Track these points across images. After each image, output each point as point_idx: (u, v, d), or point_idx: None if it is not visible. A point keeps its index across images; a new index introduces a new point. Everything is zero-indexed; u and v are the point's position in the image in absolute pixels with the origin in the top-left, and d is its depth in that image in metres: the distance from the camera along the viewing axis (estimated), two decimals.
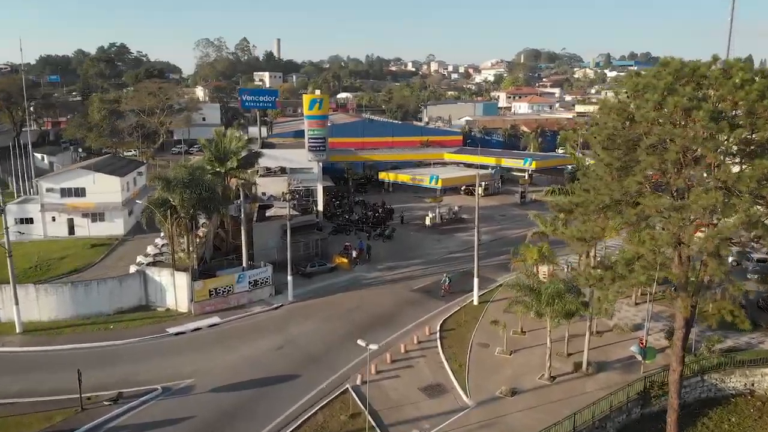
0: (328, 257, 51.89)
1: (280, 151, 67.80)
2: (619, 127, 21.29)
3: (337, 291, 45.37)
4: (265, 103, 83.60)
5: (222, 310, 41.96)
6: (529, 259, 40.19)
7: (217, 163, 51.61)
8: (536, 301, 31.25)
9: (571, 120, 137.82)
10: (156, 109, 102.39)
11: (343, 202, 71.02)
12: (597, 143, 21.85)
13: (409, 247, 56.32)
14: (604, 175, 21.41)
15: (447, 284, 43.89)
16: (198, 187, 42.86)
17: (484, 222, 64.85)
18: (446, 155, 78.78)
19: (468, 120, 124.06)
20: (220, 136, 52.54)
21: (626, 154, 21.56)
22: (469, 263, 50.91)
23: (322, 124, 61.45)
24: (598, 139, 21.76)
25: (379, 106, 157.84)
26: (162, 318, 41.01)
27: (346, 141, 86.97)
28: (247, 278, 43.22)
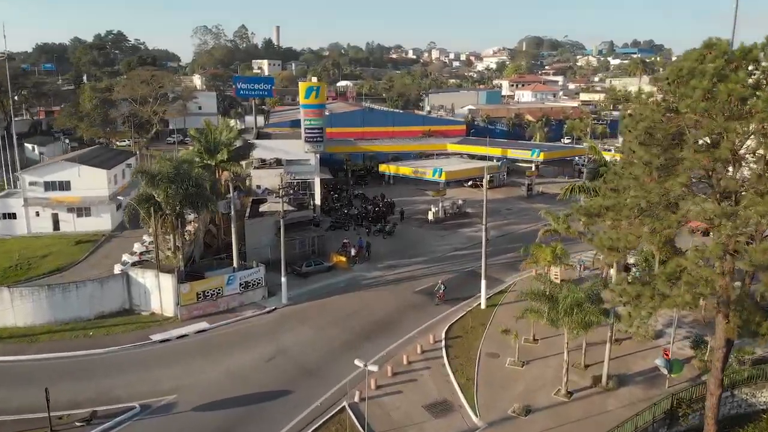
0: (326, 255, 48.96)
1: (276, 142, 64.63)
2: (658, 119, 18.19)
3: (335, 293, 42.46)
4: (261, 91, 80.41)
5: (211, 314, 39.09)
6: (542, 261, 37.19)
7: (207, 156, 48.60)
8: (553, 310, 28.30)
9: (576, 109, 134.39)
10: (149, 98, 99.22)
11: (342, 196, 67.96)
12: (633, 138, 18.74)
13: (410, 244, 53.34)
14: (641, 175, 18.36)
15: (441, 292, 40.15)
16: (185, 181, 39.91)
17: (490, 216, 61.37)
18: (449, 146, 75.55)
19: (471, 109, 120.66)
20: (210, 126, 49.40)
21: (665, 150, 18.47)
22: (475, 262, 47.97)
23: (319, 113, 58.27)
24: (634, 133, 18.66)
25: (380, 95, 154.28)
26: (146, 323, 38.14)
27: (345, 131, 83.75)
28: (238, 280, 40.29)
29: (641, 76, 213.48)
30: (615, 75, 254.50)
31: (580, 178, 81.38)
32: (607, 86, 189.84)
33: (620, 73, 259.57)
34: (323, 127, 58.78)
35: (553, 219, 41.95)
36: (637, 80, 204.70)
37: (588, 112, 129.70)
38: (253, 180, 63.55)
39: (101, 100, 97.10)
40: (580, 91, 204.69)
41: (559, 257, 37.33)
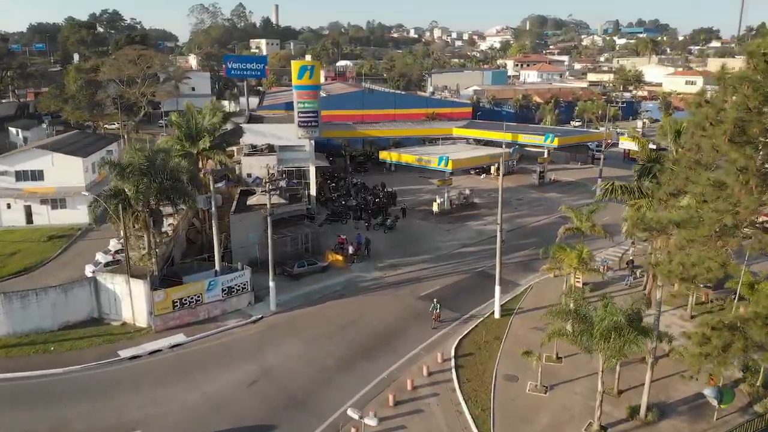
0: (321, 253, 44.39)
1: (268, 126, 59.60)
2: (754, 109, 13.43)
3: (330, 298, 37.92)
4: (253, 71, 75.25)
5: (189, 324, 34.61)
6: (566, 267, 32.51)
7: (188, 143, 43.76)
8: (586, 333, 23.72)
9: (586, 89, 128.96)
10: (137, 79, 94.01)
11: (340, 185, 63.10)
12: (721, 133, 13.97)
13: (414, 240, 48.68)
14: (733, 184, 13.67)
15: (437, 312, 33.82)
16: (159, 174, 35.20)
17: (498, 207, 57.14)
18: (455, 130, 70.47)
19: (476, 90, 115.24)
20: (191, 110, 44.46)
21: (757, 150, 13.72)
22: (485, 260, 43.56)
23: (313, 95, 53.24)
24: (724, 128, 13.88)
25: (381, 75, 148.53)
26: (116, 336, 33.68)
27: (344, 114, 78.63)
28: (220, 285, 35.74)
29: (651, 56, 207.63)
30: (622, 55, 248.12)
31: (594, 165, 76.61)
32: (616, 66, 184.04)
33: (627, 53, 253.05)
34: (318, 111, 53.78)
35: (576, 216, 37.25)
36: (647, 60, 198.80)
37: (598, 94, 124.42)
38: (243, 168, 58.75)
39: (86, 81, 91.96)
40: (587, 72, 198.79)
41: (586, 262, 32.62)
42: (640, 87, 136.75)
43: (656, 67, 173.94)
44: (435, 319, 33.56)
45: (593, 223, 36.53)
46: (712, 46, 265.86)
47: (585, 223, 36.55)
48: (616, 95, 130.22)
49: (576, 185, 67.21)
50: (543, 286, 39.29)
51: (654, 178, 31.44)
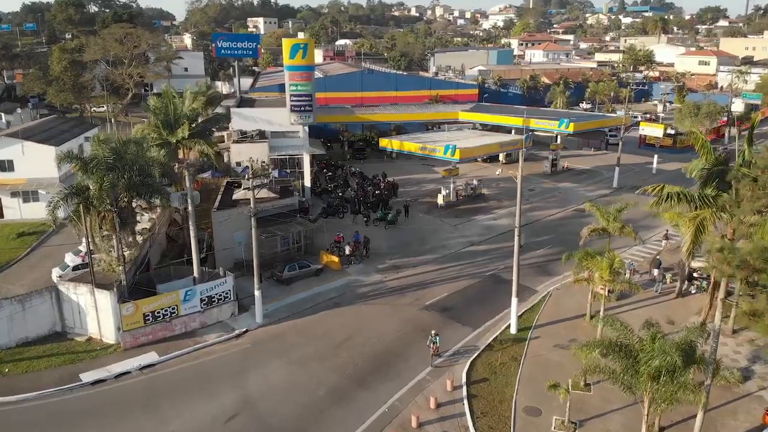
0: (315, 253, 40.14)
1: (258, 110, 54.88)
2: None
3: (323, 307, 33.70)
4: (245, 50, 70.05)
5: (163, 340, 30.52)
6: (597, 278, 28.12)
7: (166, 131, 39.27)
8: (630, 370, 19.49)
9: (596, 70, 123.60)
10: (124, 59, 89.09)
11: (337, 174, 58.52)
12: None
13: (417, 237, 44.32)
14: None
15: (436, 345, 27.84)
16: (127, 169, 30.85)
17: (509, 198, 52.83)
18: (461, 114, 65.67)
19: (481, 70, 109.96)
20: (168, 94, 39.84)
21: None
22: (497, 261, 39.34)
23: (307, 76, 48.54)
24: None
25: (381, 54, 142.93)
26: (79, 354, 29.56)
27: (342, 96, 73.86)
28: (198, 295, 31.51)
29: (660, 35, 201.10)
30: (628, 34, 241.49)
31: (607, 151, 72.01)
32: (625, 46, 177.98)
33: (633, 32, 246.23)
34: (313, 94, 49.09)
35: (601, 215, 32.85)
36: (656, 39, 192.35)
37: (609, 74, 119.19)
38: (231, 156, 54.21)
39: (71, 62, 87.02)
40: (594, 51, 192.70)
41: (618, 272, 28.30)
42: (652, 67, 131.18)
43: (666, 46, 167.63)
44: (434, 353, 27.79)
45: (622, 223, 32.17)
46: (719, 25, 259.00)
47: (612, 223, 32.18)
48: (626, 76, 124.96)
49: (591, 173, 62.67)
50: (563, 293, 35.03)
51: (721, 186, 26.58)
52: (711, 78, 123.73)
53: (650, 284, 35.86)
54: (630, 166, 62.98)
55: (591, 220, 47.66)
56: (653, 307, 33.22)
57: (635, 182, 59.67)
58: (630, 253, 40.70)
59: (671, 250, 41.15)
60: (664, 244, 42.70)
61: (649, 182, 61.02)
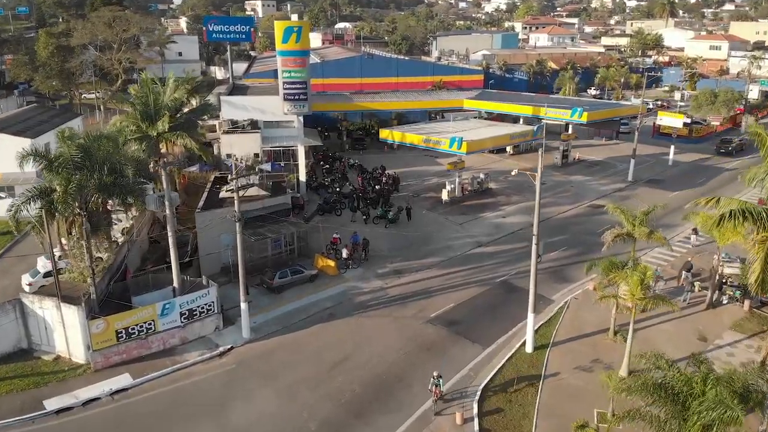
0: (310, 256, 36.94)
1: (250, 99, 51.26)
2: None
3: (317, 319, 30.51)
4: (237, 34, 66.40)
5: (139, 359, 27.42)
6: (630, 294, 24.78)
7: (146, 124, 35.68)
8: (678, 420, 16.30)
9: (604, 55, 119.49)
10: (113, 44, 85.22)
11: (334, 167, 55.02)
12: None
13: (421, 237, 41.01)
14: None
15: (438, 389, 23.56)
16: (97, 168, 27.56)
17: (518, 193, 49.54)
18: (466, 101, 62.00)
19: (485, 54, 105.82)
20: (147, 82, 36.21)
21: None
22: (507, 265, 36.14)
23: (301, 62, 44.89)
24: None
25: (382, 38, 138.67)
26: (45, 376, 26.47)
27: (340, 82, 70.14)
28: (178, 308, 28.32)
29: (667, 19, 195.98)
30: (633, 17, 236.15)
31: (619, 141, 68.54)
32: (632, 29, 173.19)
33: (639, 15, 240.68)
34: (307, 81, 45.48)
35: (626, 218, 29.53)
36: (663, 22, 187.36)
37: (617, 59, 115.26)
38: (222, 147, 50.83)
39: (57, 47, 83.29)
40: (600, 35, 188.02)
41: (650, 286, 25.05)
42: (662, 52, 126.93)
43: (675, 30, 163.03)
44: (436, 397, 23.55)
45: (651, 228, 28.87)
46: (725, 9, 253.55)
47: (639, 228, 28.87)
48: (636, 61, 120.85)
49: (604, 165, 59.21)
50: (582, 302, 31.82)
51: None
52: (722, 63, 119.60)
53: (676, 293, 32.60)
54: (644, 157, 59.54)
55: (608, 218, 44.74)
56: (682, 320, 30.07)
57: (651, 175, 56.42)
58: (652, 255, 37.45)
59: (698, 253, 37.92)
60: (693, 239, 39.33)
61: (664, 174, 58.37)
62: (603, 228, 41.66)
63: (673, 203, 47.97)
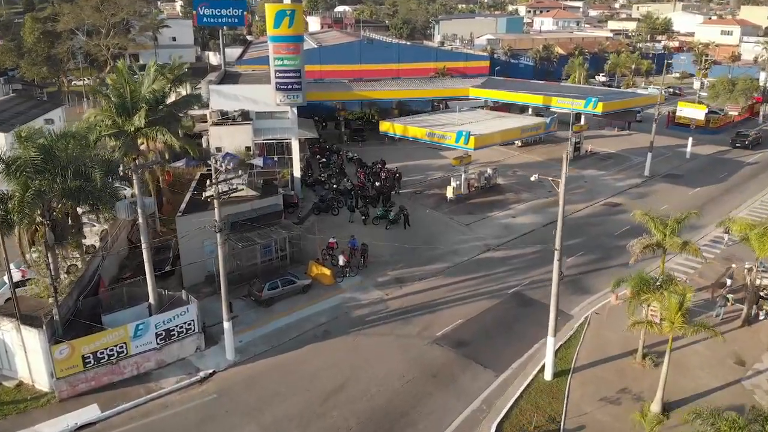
0: (304, 262, 33.83)
1: (241, 88, 47.76)
2: None
3: (310, 338, 27.43)
4: (229, 18, 62.56)
5: (110, 386, 24.39)
6: (667, 321, 21.56)
7: (122, 118, 32.50)
8: None
9: (612, 40, 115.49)
10: (101, 28, 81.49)
11: (332, 161, 51.63)
12: None
13: (424, 239, 37.91)
14: None
15: None
16: (60, 171, 24.41)
17: (528, 190, 46.32)
18: (472, 90, 58.45)
19: (490, 39, 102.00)
20: (124, 72, 32.90)
21: None
22: (519, 273, 33.08)
23: (295, 48, 41.48)
24: None
25: (382, 22, 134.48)
26: (4, 406, 23.45)
27: (338, 69, 66.66)
28: (153, 329, 25.24)
29: (675, 2, 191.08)
30: (639, 1, 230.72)
31: (632, 131, 65.10)
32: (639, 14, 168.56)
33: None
34: (301, 69, 42.06)
35: (656, 227, 26.36)
36: (670, 6, 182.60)
37: (626, 44, 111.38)
38: (210, 140, 47.50)
39: (43, 33, 79.71)
40: (605, 19, 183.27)
41: (688, 312, 21.88)
42: (672, 37, 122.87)
43: (684, 14, 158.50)
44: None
45: (684, 239, 25.71)
46: None
47: (671, 238, 25.71)
48: (645, 46, 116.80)
49: (618, 158, 55.85)
50: (603, 318, 28.70)
51: None
52: (734, 49, 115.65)
53: (707, 306, 29.50)
54: (660, 149, 56.15)
55: (626, 217, 41.52)
56: (716, 340, 26.80)
57: (668, 169, 53.17)
58: (676, 262, 34.24)
59: (727, 258, 34.78)
60: (726, 239, 36.11)
61: (683, 168, 55.09)
62: (622, 229, 39.23)
63: (695, 201, 44.81)
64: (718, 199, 45.75)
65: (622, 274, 32.38)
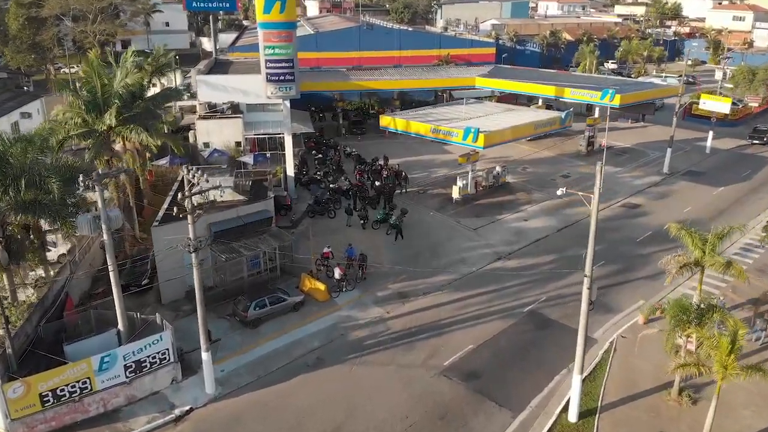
0: (296, 273, 30.70)
1: (231, 78, 44.28)
2: None
3: (300, 366, 24.28)
4: (220, 3, 59.03)
5: (73, 426, 21.38)
6: (718, 366, 18.39)
7: (93, 116, 29.12)
8: None
9: (621, 25, 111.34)
10: (88, 14, 77.76)
11: (328, 156, 48.18)
12: None
13: (428, 245, 34.73)
14: None
15: None
16: (11, 183, 21.20)
17: (539, 189, 43.17)
18: (478, 80, 54.89)
19: (495, 24, 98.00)
20: (95, 65, 29.44)
21: None
22: (534, 287, 29.91)
23: (287, 36, 37.93)
24: None
25: (383, 6, 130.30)
26: None
27: (336, 56, 63.11)
28: (121, 361, 22.12)
29: None
30: None
31: (646, 123, 61.59)
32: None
33: None
34: (294, 58, 38.52)
35: (693, 243, 23.17)
36: None
37: (636, 30, 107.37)
38: (198, 135, 44.24)
39: (28, 19, 76.06)
40: (612, 3, 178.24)
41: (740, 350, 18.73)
42: (683, 22, 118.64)
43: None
44: None
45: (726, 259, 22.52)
46: None
47: (711, 257, 22.53)
48: (656, 32, 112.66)
49: (634, 153, 52.44)
50: (631, 343, 25.57)
51: None
52: (746, 35, 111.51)
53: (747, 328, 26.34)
54: (677, 143, 52.69)
55: (647, 221, 38.40)
56: None
57: (688, 165, 49.88)
58: (706, 274, 30.98)
59: (762, 269, 31.62)
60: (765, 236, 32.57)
61: (703, 165, 51.78)
62: (644, 235, 36.03)
63: (720, 203, 41.62)
64: (743, 199, 42.48)
65: (649, 289, 29.83)
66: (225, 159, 41.45)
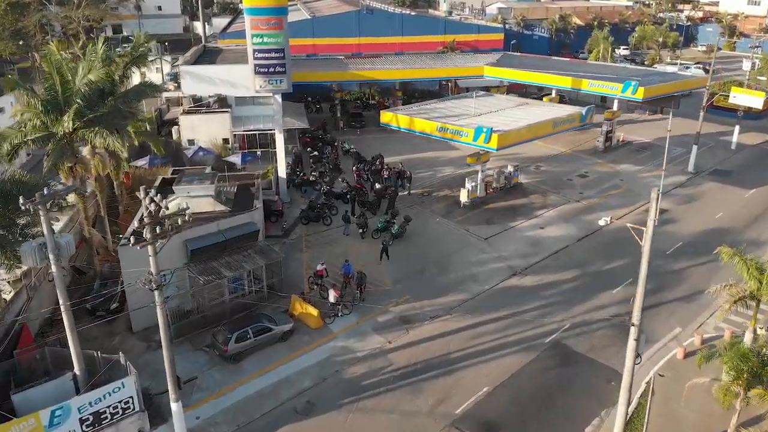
0: (287, 291, 27.17)
1: (217, 69, 40.33)
2: None
3: (287, 414, 20.86)
4: None
5: None
6: None
7: (53, 117, 25.40)
8: None
9: (633, 9, 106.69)
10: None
11: (324, 156, 44.29)
12: None
13: (434, 258, 31.15)
14: None
15: None
16: None
17: (555, 191, 39.58)
18: (486, 69, 50.86)
19: (501, 8, 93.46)
20: (54, 59, 25.62)
21: None
22: (557, 310, 26.55)
23: (276, 23, 34.02)
24: None
25: None
26: None
27: (334, 43, 59.03)
28: (76, 413, 18.68)
29: None
30: None
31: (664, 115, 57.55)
32: None
33: None
34: (285, 48, 34.62)
35: (749, 273, 19.60)
36: None
37: (648, 14, 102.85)
38: (182, 131, 40.60)
39: (9, 4, 72.03)
40: None
41: None
42: (697, 6, 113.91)
43: None
44: None
45: None
46: None
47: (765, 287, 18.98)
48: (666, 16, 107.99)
49: (655, 150, 48.56)
50: (671, 382, 22.09)
51: None
52: (762, 20, 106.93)
53: None
54: (701, 138, 48.93)
55: (676, 229, 34.82)
56: None
57: (714, 163, 46.17)
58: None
59: None
60: None
61: (730, 163, 48.11)
62: (674, 246, 32.45)
63: (754, 207, 37.99)
64: None
65: (685, 312, 26.37)
66: (211, 158, 37.96)
